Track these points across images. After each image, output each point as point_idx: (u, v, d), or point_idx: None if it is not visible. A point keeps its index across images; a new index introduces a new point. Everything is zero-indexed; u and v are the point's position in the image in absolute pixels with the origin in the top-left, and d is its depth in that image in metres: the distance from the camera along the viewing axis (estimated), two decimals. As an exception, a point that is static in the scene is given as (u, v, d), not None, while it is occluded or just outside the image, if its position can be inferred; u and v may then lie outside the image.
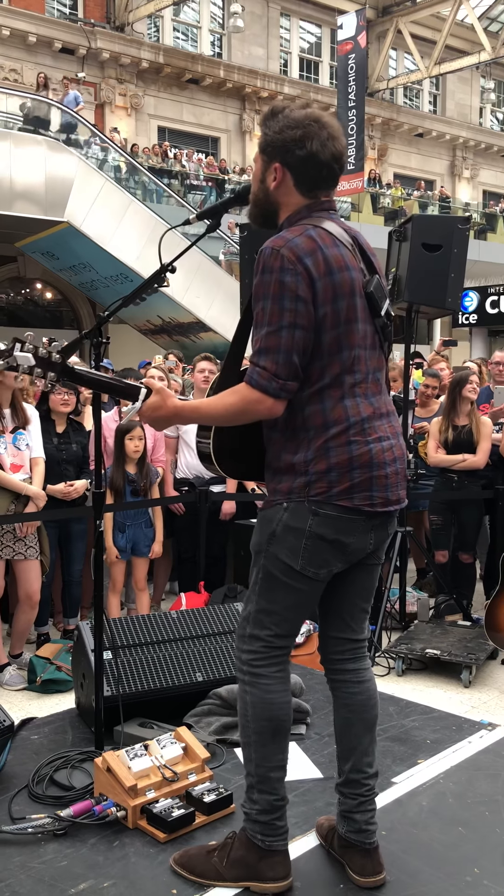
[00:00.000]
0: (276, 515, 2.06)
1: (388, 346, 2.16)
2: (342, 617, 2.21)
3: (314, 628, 4.27)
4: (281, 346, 1.94)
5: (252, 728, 2.11)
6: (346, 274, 1.99)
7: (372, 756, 2.21)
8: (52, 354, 2.25)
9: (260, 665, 2.11)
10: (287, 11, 22.20)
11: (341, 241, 2.02)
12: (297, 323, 1.94)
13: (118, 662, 3.10)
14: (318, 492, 2.00)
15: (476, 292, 10.47)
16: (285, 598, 2.09)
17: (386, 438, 2.07)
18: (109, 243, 12.48)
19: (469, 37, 22.20)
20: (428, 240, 4.56)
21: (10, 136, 12.12)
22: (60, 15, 18.61)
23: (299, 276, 1.93)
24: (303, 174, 2.05)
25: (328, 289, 1.96)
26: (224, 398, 2.02)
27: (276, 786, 2.12)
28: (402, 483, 2.12)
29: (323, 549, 2.04)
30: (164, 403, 2.11)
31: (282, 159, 2.05)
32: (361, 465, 2.02)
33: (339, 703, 2.23)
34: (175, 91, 20.25)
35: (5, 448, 4.16)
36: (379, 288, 2.07)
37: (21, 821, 2.46)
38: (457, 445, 5.20)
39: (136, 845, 2.37)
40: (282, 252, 1.95)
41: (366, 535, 2.08)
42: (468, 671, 4.26)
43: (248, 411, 1.99)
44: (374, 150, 23.29)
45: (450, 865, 2.28)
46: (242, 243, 4.72)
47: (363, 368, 2.05)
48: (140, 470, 4.75)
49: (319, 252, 1.96)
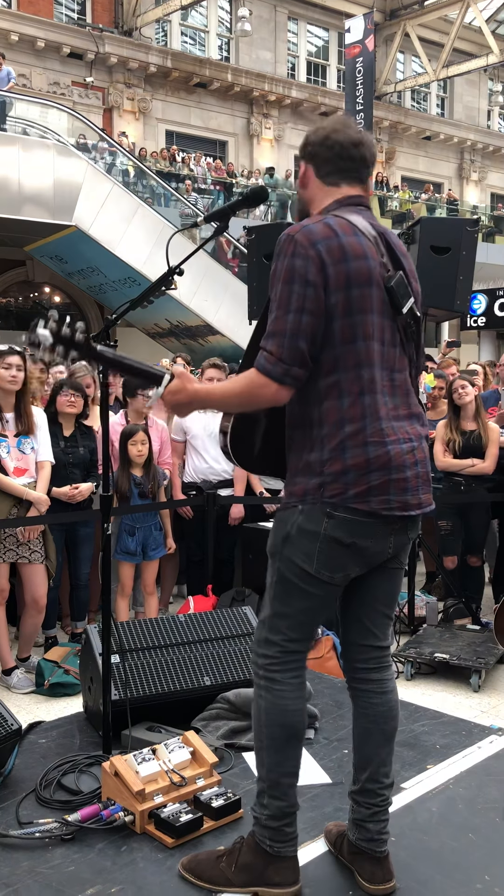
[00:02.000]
0: (291, 518, 2.04)
1: (413, 347, 2.10)
2: (364, 623, 2.17)
3: (322, 632, 4.25)
4: (287, 329, 1.92)
5: (265, 733, 2.09)
6: (362, 262, 1.96)
7: (389, 766, 2.18)
8: (75, 333, 2.19)
9: (276, 670, 2.09)
10: (295, 15, 22.21)
11: (362, 232, 2.00)
12: (304, 307, 1.91)
13: (126, 666, 3.09)
14: (333, 493, 1.97)
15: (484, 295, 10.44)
16: (300, 601, 2.07)
17: (407, 440, 2.02)
18: (118, 247, 12.50)
19: (477, 39, 22.16)
20: (436, 242, 4.55)
21: (18, 140, 12.16)
22: (69, 20, 18.67)
23: (310, 261, 1.92)
24: (322, 161, 2.08)
25: (341, 275, 1.93)
26: (235, 382, 2.02)
27: (287, 792, 2.10)
28: (424, 487, 2.07)
29: (339, 553, 2.01)
30: (184, 387, 2.09)
31: (304, 154, 2.12)
32: (380, 468, 1.97)
33: (360, 713, 2.20)
34: (183, 95, 20.28)
35: (8, 452, 4.15)
36: (402, 284, 2.03)
37: (29, 825, 2.46)
38: (466, 450, 5.18)
39: (143, 850, 2.36)
40: (296, 237, 1.95)
41: (384, 539, 2.04)
42: (477, 675, 4.24)
43: (254, 395, 1.97)
44: (382, 153, 23.25)
45: (460, 872, 2.26)
46: (249, 246, 4.72)
47: (381, 363, 2.00)
48: (146, 473, 4.74)
49: (335, 239, 1.95)
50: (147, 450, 4.72)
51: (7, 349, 4.11)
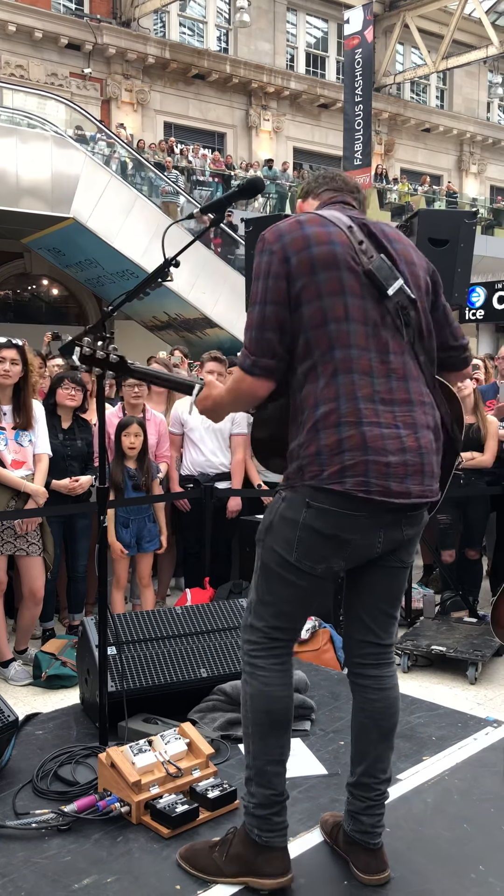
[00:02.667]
0: (275, 505, 2.06)
1: (414, 332, 2.06)
2: (364, 620, 2.17)
3: (319, 625, 4.26)
4: (255, 322, 2.01)
5: (251, 719, 2.10)
6: (325, 247, 1.99)
7: (386, 762, 2.18)
8: (109, 355, 2.46)
9: (259, 656, 2.10)
10: (293, 6, 22.13)
11: (332, 222, 2.04)
12: (267, 299, 1.99)
13: (123, 658, 3.09)
14: (311, 475, 1.95)
15: (483, 288, 10.40)
16: (282, 590, 2.07)
17: (390, 426, 1.96)
18: (115, 239, 12.48)
19: (476, 31, 22.09)
20: (434, 234, 4.54)
21: (16, 131, 12.13)
22: (66, 11, 18.60)
23: (274, 255, 2.01)
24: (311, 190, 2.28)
25: (304, 262, 1.98)
26: (227, 383, 2.14)
27: (272, 780, 2.09)
28: (414, 477, 1.97)
29: (319, 544, 1.99)
30: (209, 394, 2.23)
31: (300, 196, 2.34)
32: (352, 448, 1.92)
33: (357, 707, 2.20)
34: (181, 86, 20.22)
35: (6, 444, 4.15)
36: (384, 268, 2.01)
37: (25, 816, 2.46)
38: (465, 444, 5.16)
39: (140, 841, 2.37)
40: (265, 236, 2.05)
41: (372, 533, 2.00)
42: (474, 668, 4.25)
43: (237, 392, 2.08)
44: (381, 145, 23.21)
45: (455, 863, 2.27)
46: (248, 238, 4.71)
47: (361, 344, 1.97)
48: (140, 465, 4.74)
49: (299, 230, 2.02)
50: (140, 442, 4.70)
51: (5, 342, 4.09)
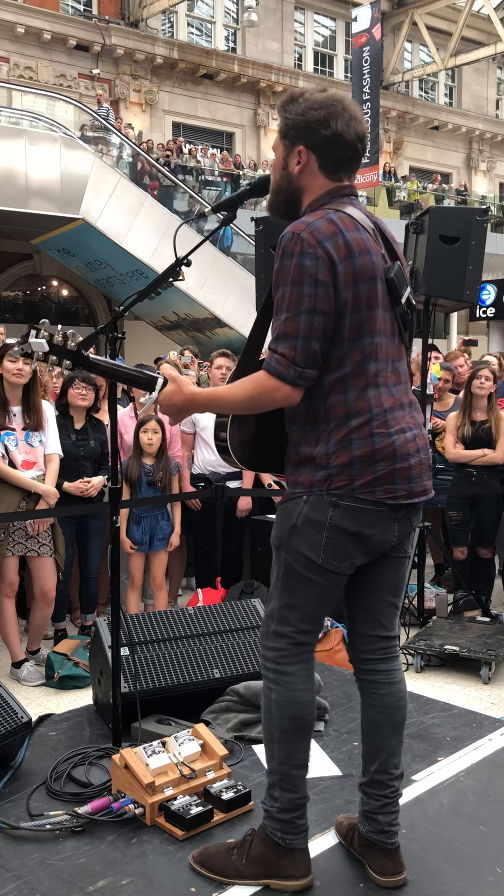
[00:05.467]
0: (297, 508, 2.03)
1: (408, 335, 2.11)
2: (371, 613, 2.17)
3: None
4: (300, 331, 1.90)
5: (276, 726, 2.09)
6: (367, 258, 1.95)
7: (398, 758, 2.17)
8: (66, 342, 2.25)
9: (285, 662, 2.09)
10: (301, 5, 22.09)
11: (363, 226, 1.99)
12: (316, 308, 1.90)
13: (135, 659, 3.09)
14: (339, 485, 1.97)
15: (494, 285, 10.36)
16: (308, 592, 2.06)
17: (409, 429, 2.04)
18: (125, 240, 12.48)
19: (485, 28, 21.99)
20: (445, 232, 4.51)
21: (25, 133, 12.15)
22: (75, 12, 18.62)
23: (319, 260, 1.90)
24: (328, 155, 2.02)
25: (349, 272, 1.92)
26: (241, 386, 1.99)
27: (298, 783, 2.10)
28: (426, 474, 2.08)
29: (345, 542, 2.01)
30: (180, 390, 2.10)
31: (306, 141, 2.02)
32: (385, 458, 1.98)
33: (368, 704, 2.19)
34: (189, 86, 20.21)
35: (16, 445, 4.15)
36: (400, 275, 2.03)
37: (39, 817, 2.46)
38: (476, 441, 5.16)
39: (154, 842, 2.36)
40: (302, 235, 1.91)
41: (389, 527, 2.04)
42: (488, 667, 4.23)
43: (264, 399, 1.96)
44: (390, 143, 23.14)
45: (471, 865, 2.26)
46: (258, 237, 4.69)
47: (384, 356, 2.02)
48: (157, 462, 4.75)
49: (340, 235, 1.93)
50: (159, 439, 4.73)
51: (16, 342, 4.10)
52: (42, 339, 2.21)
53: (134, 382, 2.33)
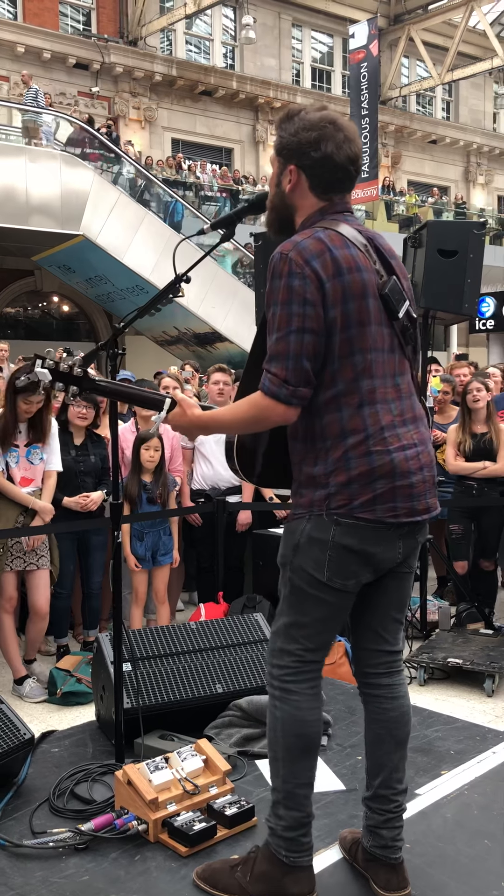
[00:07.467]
0: (300, 527, 2.04)
1: (411, 349, 2.11)
2: (375, 628, 2.17)
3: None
4: (290, 351, 1.92)
5: (281, 744, 2.08)
6: (356, 275, 1.96)
7: (402, 772, 2.17)
8: (73, 369, 2.29)
9: (291, 681, 2.08)
10: (299, 22, 22.28)
11: (353, 243, 1.99)
12: (305, 327, 1.92)
13: (138, 674, 3.08)
14: (339, 504, 1.97)
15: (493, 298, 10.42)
16: (314, 610, 2.06)
17: (411, 446, 2.02)
18: (125, 256, 12.55)
19: (481, 43, 22.17)
20: (443, 245, 4.54)
21: (25, 151, 12.24)
22: (74, 31, 18.79)
23: (307, 279, 1.91)
24: (317, 176, 2.04)
25: (337, 290, 1.93)
26: (239, 406, 2.02)
27: (303, 802, 2.09)
28: (430, 491, 2.06)
29: (349, 560, 2.00)
30: (186, 414, 2.15)
31: (297, 161, 2.04)
32: (383, 476, 1.97)
33: (371, 718, 2.19)
34: (188, 103, 20.36)
35: (17, 462, 4.18)
36: (396, 290, 2.03)
37: (42, 835, 2.45)
38: (477, 453, 5.16)
39: (157, 859, 2.35)
40: (290, 256, 1.93)
41: (393, 544, 2.04)
42: (491, 680, 4.21)
43: (261, 419, 1.98)
44: (388, 157, 23.28)
45: (476, 879, 2.25)
46: (257, 252, 4.72)
47: (380, 372, 2.01)
48: (156, 479, 4.75)
49: (328, 253, 1.94)
50: (159, 456, 4.73)
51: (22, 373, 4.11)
52: (47, 368, 2.28)
53: (141, 403, 2.37)
